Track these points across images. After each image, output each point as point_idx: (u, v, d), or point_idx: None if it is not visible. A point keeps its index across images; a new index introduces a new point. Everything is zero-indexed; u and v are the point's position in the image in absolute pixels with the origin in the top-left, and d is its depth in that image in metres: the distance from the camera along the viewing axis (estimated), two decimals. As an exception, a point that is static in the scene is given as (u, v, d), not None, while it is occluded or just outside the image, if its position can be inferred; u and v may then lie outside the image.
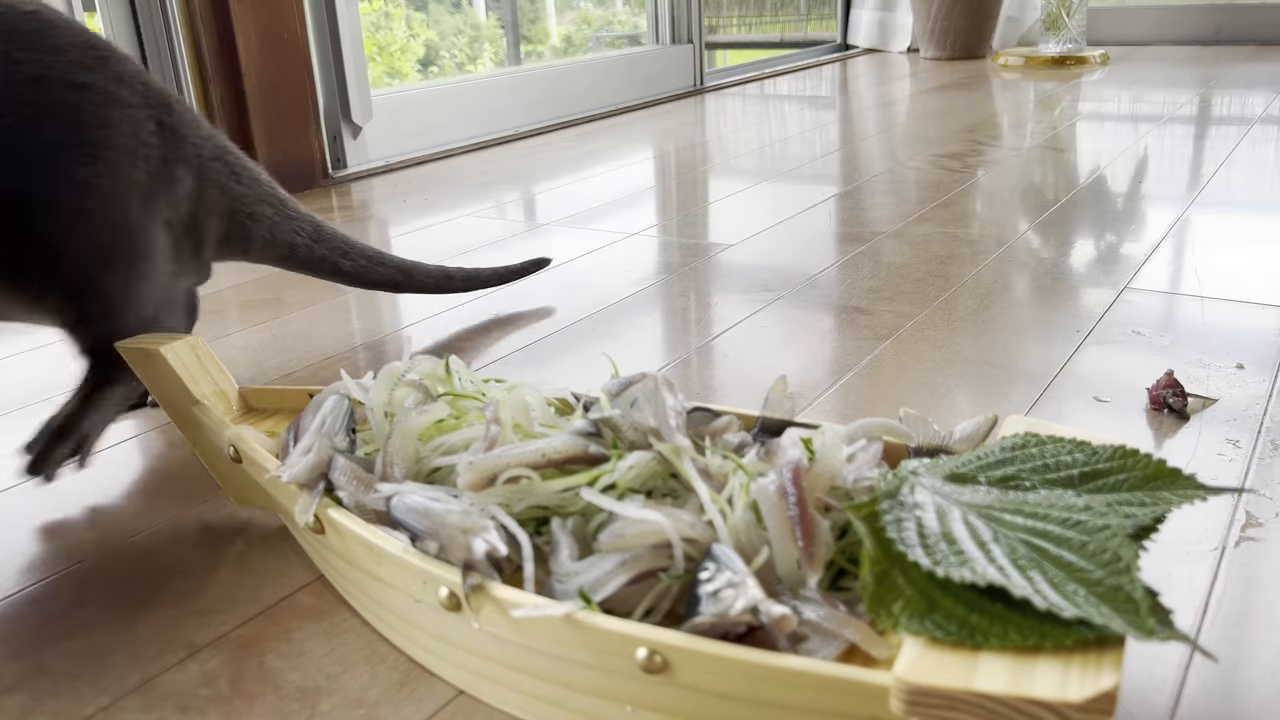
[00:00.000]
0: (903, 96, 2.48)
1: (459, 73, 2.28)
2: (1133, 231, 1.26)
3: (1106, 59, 2.90)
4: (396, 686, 0.51)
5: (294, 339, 1.02)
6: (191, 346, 0.67)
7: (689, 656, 0.41)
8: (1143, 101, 2.25)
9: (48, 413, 0.87)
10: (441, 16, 2.23)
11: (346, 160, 1.80)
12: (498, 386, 0.61)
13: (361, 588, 0.54)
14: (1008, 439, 0.49)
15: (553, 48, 2.54)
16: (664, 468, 0.52)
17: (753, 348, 0.94)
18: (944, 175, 1.60)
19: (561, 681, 0.45)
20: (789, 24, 3.59)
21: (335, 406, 0.57)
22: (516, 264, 1.10)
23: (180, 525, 0.68)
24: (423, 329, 1.03)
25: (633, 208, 1.49)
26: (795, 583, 0.46)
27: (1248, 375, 0.82)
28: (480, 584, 0.45)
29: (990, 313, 0.99)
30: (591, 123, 2.25)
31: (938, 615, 0.39)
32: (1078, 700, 0.34)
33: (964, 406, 0.79)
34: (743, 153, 1.89)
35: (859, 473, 0.51)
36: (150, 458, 0.78)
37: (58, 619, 0.58)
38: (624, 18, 2.68)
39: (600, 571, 0.46)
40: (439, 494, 0.50)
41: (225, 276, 1.24)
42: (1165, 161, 1.65)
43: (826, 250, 1.24)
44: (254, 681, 0.52)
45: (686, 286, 1.12)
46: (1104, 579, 0.38)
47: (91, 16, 1.49)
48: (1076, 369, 0.85)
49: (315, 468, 0.54)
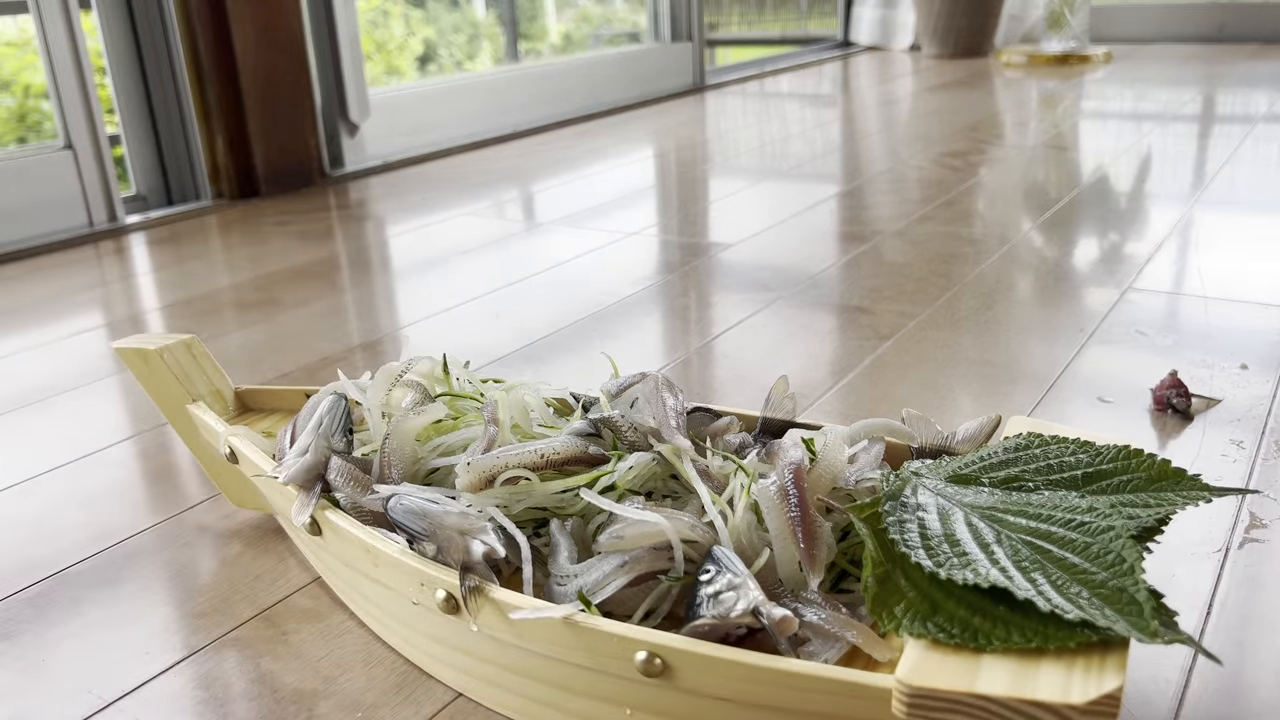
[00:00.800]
0: (904, 94, 2.48)
1: (457, 71, 2.27)
2: (1136, 231, 1.25)
3: (1110, 57, 2.90)
4: (394, 689, 0.51)
5: (290, 339, 1.01)
6: (188, 346, 0.66)
7: (689, 659, 0.40)
8: (1146, 100, 2.24)
9: (48, 412, 0.86)
10: (440, 14, 2.22)
11: (344, 159, 1.80)
12: (496, 387, 0.61)
13: (359, 590, 0.54)
14: (1011, 439, 0.49)
15: (552, 45, 2.54)
16: (664, 469, 0.52)
17: (753, 348, 0.93)
18: (946, 174, 1.59)
19: (560, 684, 0.45)
20: (790, 21, 3.58)
21: (332, 407, 0.57)
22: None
23: (177, 527, 0.67)
24: (421, 329, 1.03)
25: (632, 207, 1.49)
26: (797, 584, 0.46)
27: (1252, 375, 0.82)
28: (478, 586, 0.45)
29: (993, 312, 0.99)
30: (591, 121, 2.25)
31: (940, 617, 0.38)
32: (1081, 702, 0.33)
33: (967, 407, 0.79)
34: (743, 151, 1.89)
35: (861, 474, 0.51)
36: (147, 459, 0.78)
37: (56, 619, 0.58)
38: (623, 15, 2.68)
39: (600, 573, 0.45)
40: (437, 495, 0.50)
41: (223, 276, 1.24)
42: (1168, 160, 1.64)
43: (828, 249, 1.23)
44: (251, 684, 0.52)
45: (687, 286, 1.12)
46: (1107, 581, 0.38)
47: (87, 15, 1.49)
48: (1080, 369, 0.85)
49: (312, 469, 0.54)
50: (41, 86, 1.43)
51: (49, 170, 1.41)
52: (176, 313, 1.11)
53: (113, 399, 0.89)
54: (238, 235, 1.42)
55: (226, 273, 1.25)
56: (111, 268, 1.31)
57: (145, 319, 1.10)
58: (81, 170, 1.44)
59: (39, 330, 1.07)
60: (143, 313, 1.13)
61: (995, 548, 0.41)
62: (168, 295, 1.18)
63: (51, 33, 1.39)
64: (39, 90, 1.46)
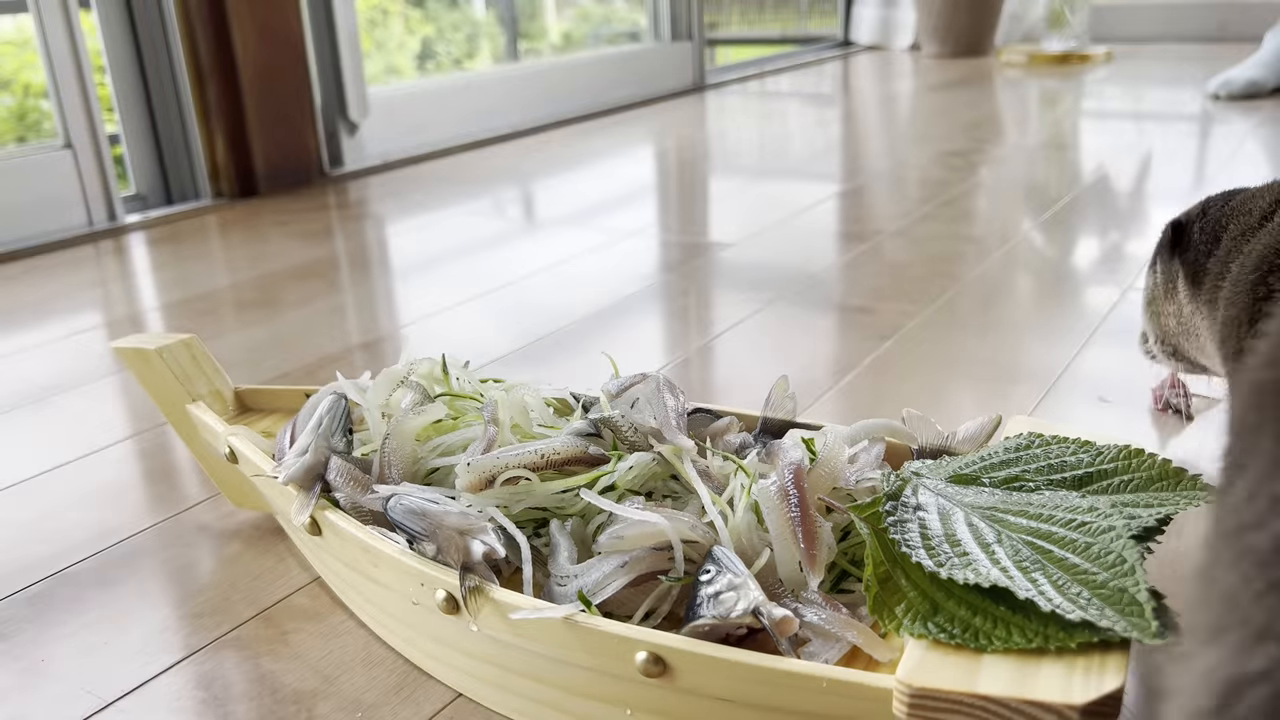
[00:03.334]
0: (905, 94, 2.48)
1: (457, 69, 2.27)
2: (1137, 230, 1.25)
3: (1110, 56, 2.90)
4: (394, 690, 0.51)
5: (290, 339, 1.01)
6: (187, 346, 0.66)
7: (689, 659, 0.40)
8: (1146, 99, 2.24)
9: (48, 412, 0.86)
10: (439, 13, 2.22)
11: (344, 158, 1.80)
12: (496, 387, 0.61)
13: (359, 590, 0.54)
14: (1011, 440, 0.49)
15: (551, 45, 2.54)
16: (664, 469, 0.52)
17: (754, 347, 0.93)
18: (947, 173, 1.59)
19: (560, 685, 0.45)
20: (790, 21, 3.58)
21: (332, 407, 0.57)
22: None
23: (177, 526, 0.67)
24: (421, 329, 1.03)
25: (632, 206, 1.49)
26: (797, 585, 0.45)
27: (1252, 374, 0.82)
28: (478, 586, 0.45)
29: (994, 312, 0.99)
30: (590, 120, 2.24)
31: (941, 618, 0.38)
32: (1081, 703, 0.33)
33: (967, 407, 0.79)
34: (743, 151, 1.89)
35: (861, 474, 0.51)
36: (147, 458, 0.78)
37: (56, 619, 0.58)
38: (623, 14, 2.68)
39: (600, 574, 0.45)
40: (437, 495, 0.50)
41: (222, 275, 1.24)
42: (1169, 159, 1.64)
43: (828, 249, 1.23)
44: (251, 684, 0.52)
45: (687, 286, 1.12)
46: (1108, 581, 0.38)
47: (87, 14, 1.49)
48: (1080, 369, 0.85)
49: (311, 469, 0.54)
50: (41, 85, 1.43)
51: (48, 169, 1.41)
52: (176, 312, 1.11)
53: (113, 399, 0.89)
54: (237, 234, 1.42)
55: (226, 272, 1.25)
56: (111, 267, 1.31)
57: (145, 318, 1.10)
58: (81, 169, 1.44)
59: (38, 330, 1.07)
60: (142, 312, 1.12)
61: (996, 548, 0.41)
62: (167, 295, 1.18)
63: (51, 32, 1.39)
64: (38, 89, 1.46)
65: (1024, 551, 0.40)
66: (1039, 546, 0.41)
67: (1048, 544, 0.41)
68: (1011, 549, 0.41)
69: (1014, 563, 0.40)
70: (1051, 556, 0.40)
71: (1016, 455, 0.47)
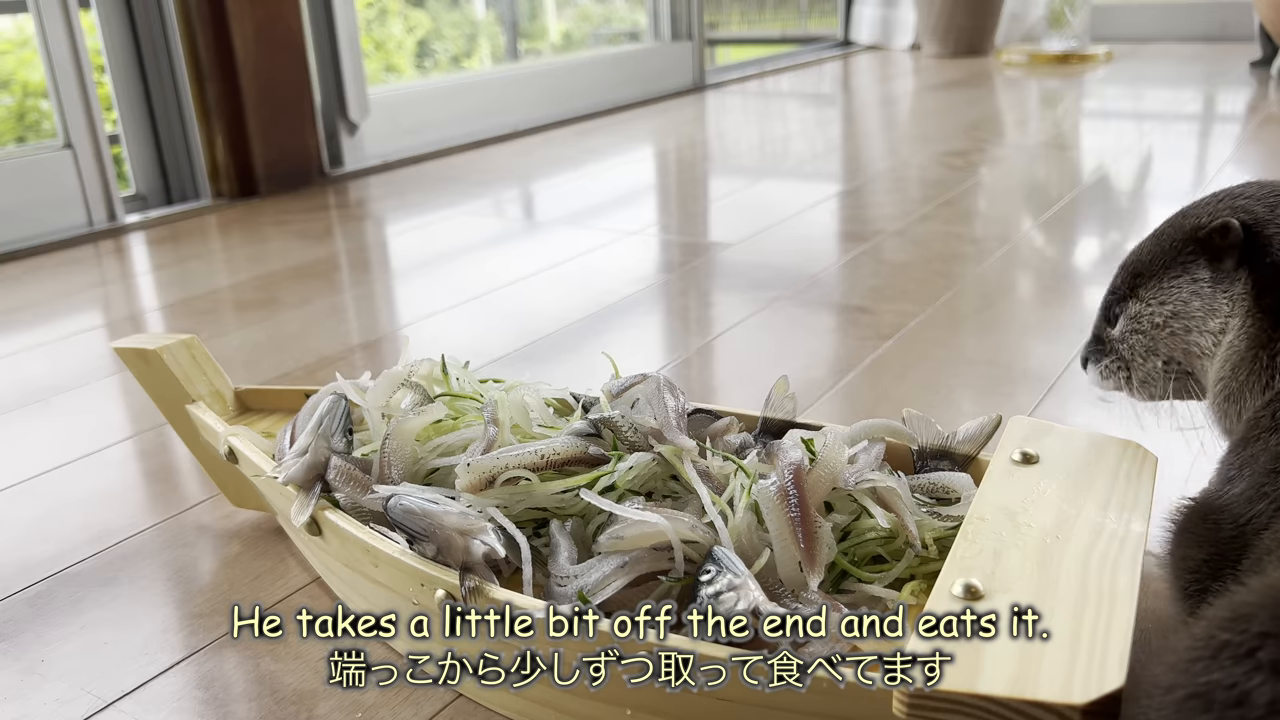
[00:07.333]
0: (905, 94, 2.48)
1: (456, 69, 2.27)
2: (1137, 230, 1.25)
3: (1110, 56, 2.90)
4: (394, 689, 0.51)
5: (290, 339, 1.01)
6: (187, 346, 0.66)
7: (689, 659, 0.40)
8: (1146, 99, 2.24)
9: (48, 412, 0.86)
10: (439, 13, 2.22)
11: (343, 158, 1.80)
12: (496, 387, 0.61)
13: (359, 590, 0.54)
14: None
15: (551, 44, 2.54)
16: (664, 469, 0.52)
17: (754, 347, 0.93)
18: (947, 173, 1.59)
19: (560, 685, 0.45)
20: (790, 20, 3.58)
21: (332, 407, 0.57)
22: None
23: (177, 527, 0.67)
24: (421, 329, 1.03)
25: (632, 206, 1.49)
26: (797, 585, 0.45)
27: (1252, 374, 0.82)
28: (478, 586, 0.45)
29: (994, 312, 0.99)
30: (590, 120, 2.24)
31: None
32: (1081, 703, 0.33)
33: (967, 407, 0.79)
34: (743, 150, 1.89)
35: (861, 474, 0.51)
36: (147, 459, 0.78)
37: (56, 620, 0.58)
38: (623, 14, 2.68)
39: (600, 574, 0.45)
40: (437, 495, 0.50)
41: (222, 275, 1.24)
42: (1169, 159, 1.64)
43: (828, 249, 1.23)
44: (251, 684, 0.52)
45: (687, 286, 1.12)
46: None
47: (87, 13, 1.49)
48: (1081, 369, 0.84)
49: (311, 469, 0.54)
50: (41, 85, 1.43)
51: (48, 169, 1.41)
52: (176, 312, 1.11)
53: (113, 399, 0.89)
54: (237, 235, 1.42)
55: (226, 272, 1.25)
56: (111, 267, 1.31)
57: (145, 319, 1.10)
58: (81, 169, 1.44)
59: (38, 330, 1.07)
60: (142, 312, 1.12)
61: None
62: (167, 295, 1.18)
63: (51, 31, 1.39)
64: (38, 89, 1.46)
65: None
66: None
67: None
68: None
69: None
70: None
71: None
